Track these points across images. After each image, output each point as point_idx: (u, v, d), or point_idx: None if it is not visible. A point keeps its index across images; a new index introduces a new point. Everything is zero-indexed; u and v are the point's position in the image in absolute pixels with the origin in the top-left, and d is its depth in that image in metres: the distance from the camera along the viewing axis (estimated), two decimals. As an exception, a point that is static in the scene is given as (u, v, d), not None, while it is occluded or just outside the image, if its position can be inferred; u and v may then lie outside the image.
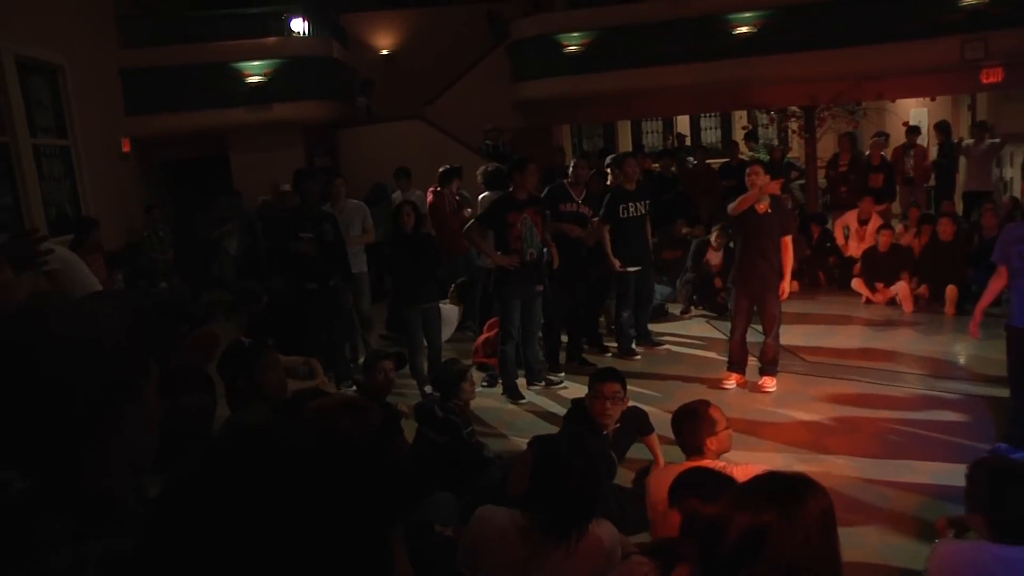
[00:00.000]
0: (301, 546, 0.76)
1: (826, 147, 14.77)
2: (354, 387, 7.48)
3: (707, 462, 3.60)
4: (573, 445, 3.09)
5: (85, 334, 1.26)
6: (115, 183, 12.30)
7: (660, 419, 5.23)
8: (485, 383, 7.63)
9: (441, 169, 9.88)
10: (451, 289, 8.97)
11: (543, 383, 7.60)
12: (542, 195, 7.70)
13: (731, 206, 7.07)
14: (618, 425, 5.00)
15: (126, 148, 12.92)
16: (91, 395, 1.25)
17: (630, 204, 8.13)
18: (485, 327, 8.37)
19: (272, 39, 13.95)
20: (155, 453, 1.40)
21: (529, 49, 14.34)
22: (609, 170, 8.50)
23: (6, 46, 9.90)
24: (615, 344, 8.62)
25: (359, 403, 3.71)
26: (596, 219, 8.01)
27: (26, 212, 10.23)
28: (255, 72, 13.41)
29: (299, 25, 14.57)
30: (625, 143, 20.07)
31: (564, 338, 8.23)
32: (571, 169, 8.17)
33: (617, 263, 8.03)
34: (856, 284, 10.13)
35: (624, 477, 5.15)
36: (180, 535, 0.80)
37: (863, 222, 10.77)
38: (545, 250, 7.39)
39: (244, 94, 13.33)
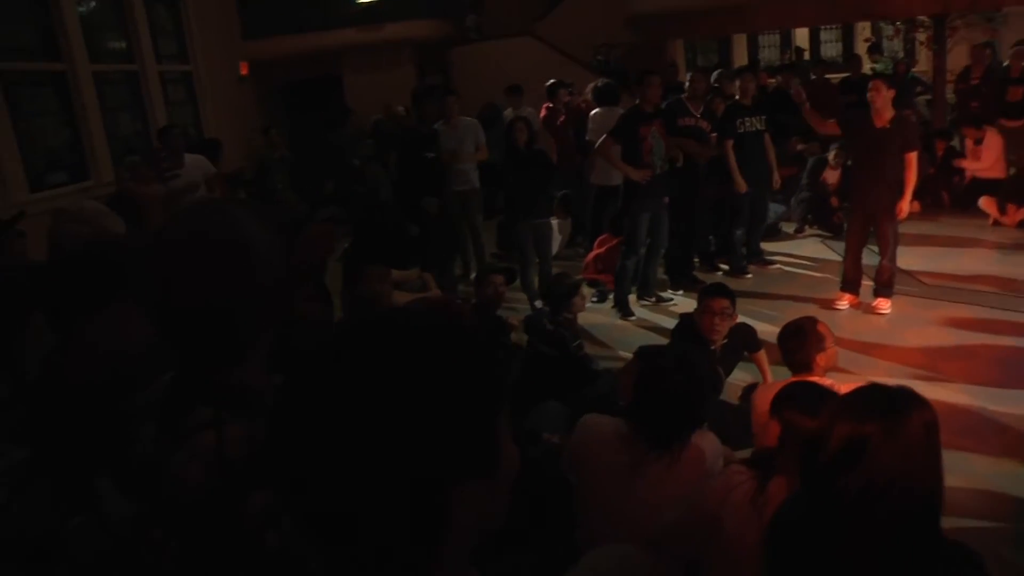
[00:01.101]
0: (419, 424, 0.83)
1: (957, 60, 13.91)
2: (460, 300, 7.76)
3: (814, 378, 3.60)
4: (678, 358, 3.13)
5: (237, 250, 1.37)
6: (234, 106, 12.66)
7: (769, 337, 5.21)
8: (595, 298, 7.72)
9: (548, 83, 9.84)
10: (555, 203, 8.97)
11: (654, 299, 7.65)
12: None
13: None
14: (726, 341, 5.01)
15: (244, 71, 13.25)
16: (247, 315, 1.37)
17: (746, 119, 7.98)
18: (596, 243, 8.40)
19: (382, -42, 13.95)
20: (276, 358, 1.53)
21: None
22: (721, 84, 8.33)
23: (131, -24, 10.24)
24: (727, 262, 8.54)
25: (450, 304, 3.79)
26: (714, 135, 7.89)
27: (154, 136, 10.68)
28: (366, -9, 13.50)
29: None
30: (741, 58, 19.43)
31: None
32: (688, 83, 8.01)
33: (743, 184, 7.91)
34: (984, 203, 9.45)
35: (731, 393, 5.18)
36: (306, 415, 0.89)
37: (978, 141, 10.08)
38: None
39: (356, 14, 13.46)
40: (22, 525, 2.15)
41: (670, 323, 6.61)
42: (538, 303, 7.55)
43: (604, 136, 7.43)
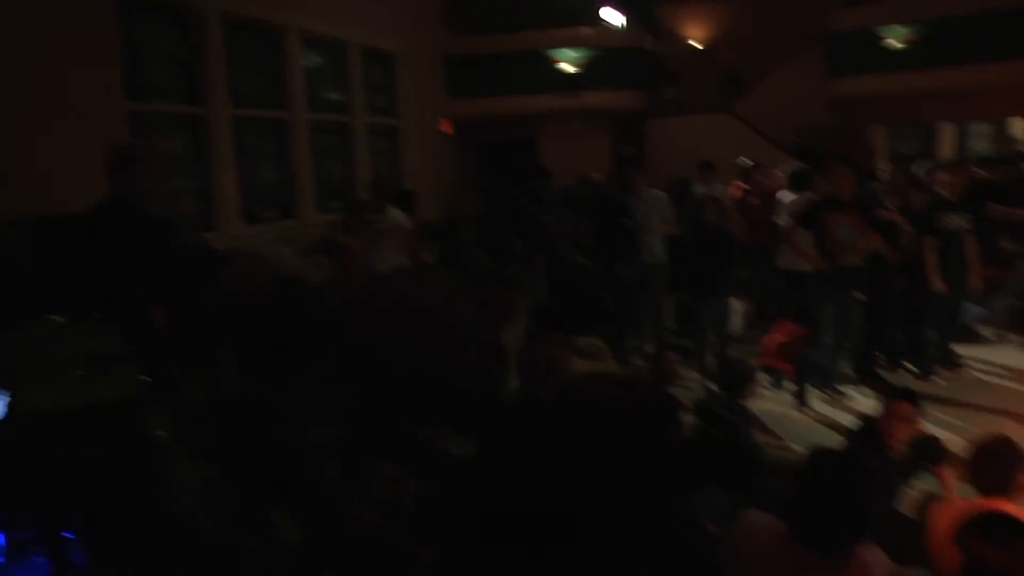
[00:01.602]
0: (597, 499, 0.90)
1: None
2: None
3: (1003, 504, 3.39)
4: (851, 462, 3.02)
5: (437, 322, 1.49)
6: (433, 160, 13.28)
7: (955, 449, 4.94)
8: (771, 385, 7.53)
9: (743, 161, 9.78)
10: (738, 284, 8.84)
11: (834, 393, 7.37)
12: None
13: None
14: (908, 450, 4.78)
15: (446, 128, 13.89)
16: (426, 376, 1.48)
17: (949, 217, 7.62)
18: (778, 329, 8.21)
19: (586, 29, 14.32)
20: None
21: (846, 43, 13.72)
22: (924, 176, 8.02)
23: (353, 37, 11.06)
24: (914, 363, 8.12)
25: (631, 379, 3.81)
26: (910, 231, 7.57)
27: (360, 184, 11.37)
28: (568, 61, 13.88)
29: (614, 16, 14.86)
30: (947, 147, 18.57)
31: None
32: (887, 174, 7.78)
33: (939, 283, 7.51)
34: None
35: (907, 505, 4.92)
36: (486, 488, 0.97)
37: None
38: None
39: (556, 81, 13.85)
40: (204, 536, 2.33)
41: (848, 420, 6.37)
42: (711, 384, 7.48)
43: (791, 220, 7.32)
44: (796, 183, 8.76)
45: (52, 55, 6.60)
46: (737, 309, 8.28)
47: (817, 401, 7.27)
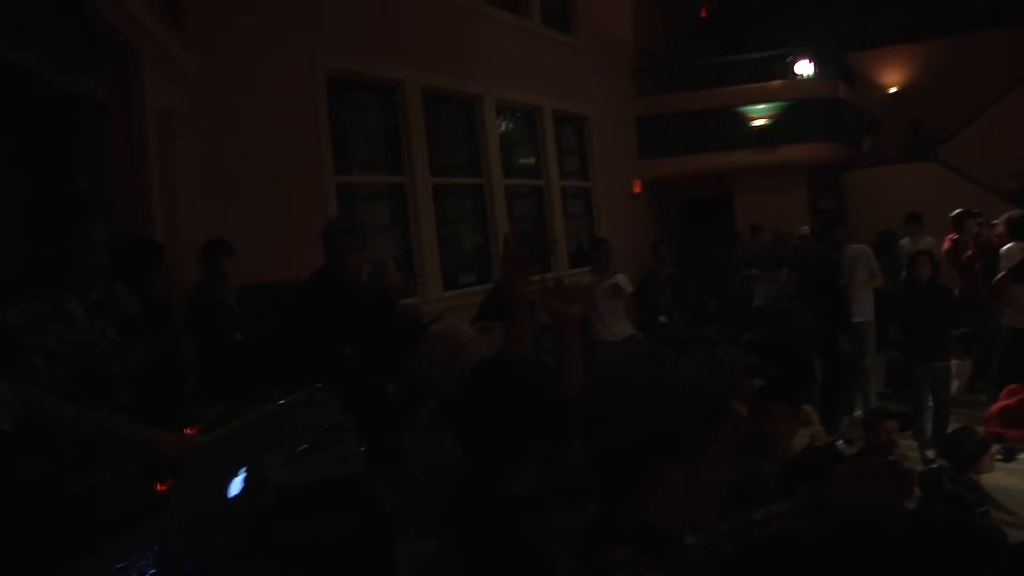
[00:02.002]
0: None
1: None
2: (842, 441, 7.32)
3: None
4: None
5: (648, 398, 1.44)
6: (626, 220, 13.27)
7: None
8: (1000, 456, 6.91)
9: (954, 213, 9.19)
10: (954, 343, 8.24)
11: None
12: None
13: None
14: None
15: (637, 189, 13.89)
16: (635, 454, 1.42)
17: None
18: (1003, 393, 7.58)
19: (777, 82, 14.07)
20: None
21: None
22: None
23: (546, 103, 11.31)
24: None
25: (901, 468, 3.59)
26: None
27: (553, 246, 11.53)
28: (760, 115, 13.64)
29: (804, 66, 14.49)
30: None
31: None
32: None
33: None
34: None
35: None
36: None
37: None
38: None
39: (748, 137, 13.61)
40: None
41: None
42: (930, 453, 6.97)
43: (1003, 272, 6.73)
44: (1015, 231, 8.13)
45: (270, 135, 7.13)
46: (954, 369, 7.72)
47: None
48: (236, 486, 2.33)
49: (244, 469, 2.35)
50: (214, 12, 6.66)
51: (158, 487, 2.24)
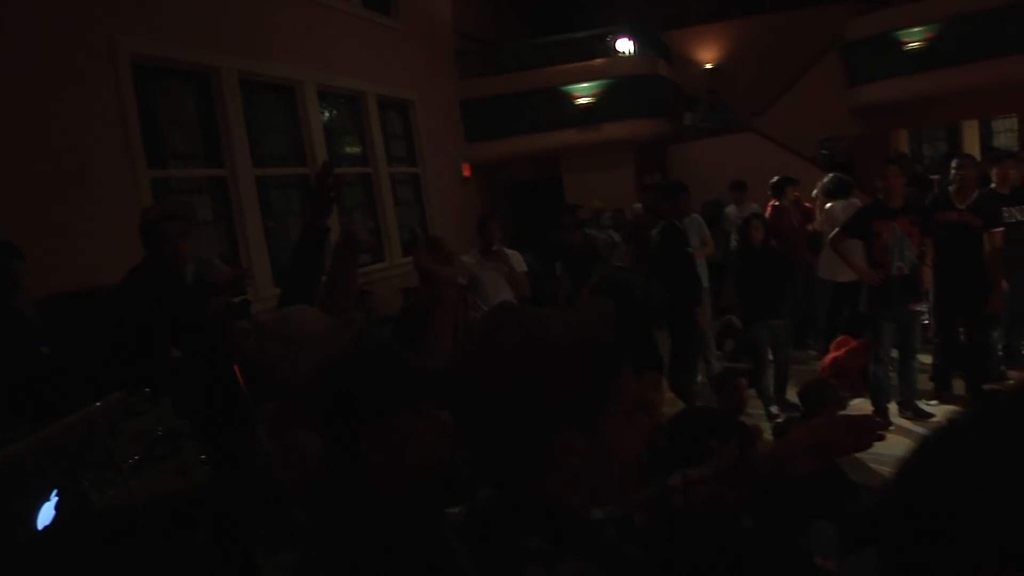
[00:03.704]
0: None
1: None
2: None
3: None
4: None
5: (531, 357, 1.23)
6: (458, 205, 13.13)
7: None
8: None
9: (773, 180, 9.51)
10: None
11: (912, 413, 6.98)
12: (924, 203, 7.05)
13: None
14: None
15: (466, 172, 13.77)
16: (529, 422, 1.22)
17: (1006, 210, 7.26)
18: (832, 344, 7.90)
19: (599, 61, 14.27)
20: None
21: (865, 50, 13.59)
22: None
23: (369, 88, 10.96)
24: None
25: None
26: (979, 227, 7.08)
27: (384, 234, 11.20)
28: (584, 94, 13.78)
29: (624, 45, 14.76)
30: (971, 145, 18.29)
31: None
32: (953, 171, 7.25)
33: (1004, 283, 6.93)
34: None
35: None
36: None
37: None
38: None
39: (574, 116, 13.72)
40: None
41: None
42: (773, 408, 7.16)
43: (836, 230, 6.99)
44: (832, 192, 8.51)
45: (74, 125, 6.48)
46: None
47: (897, 417, 6.90)
48: (46, 514, 1.93)
49: (55, 492, 1.96)
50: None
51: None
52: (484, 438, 1.28)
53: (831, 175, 9.31)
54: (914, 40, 12.90)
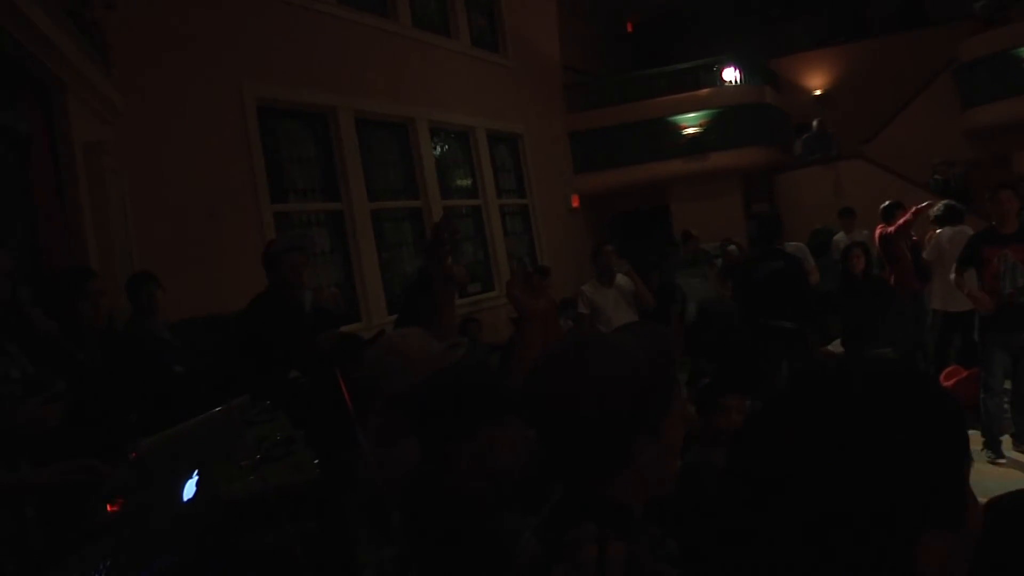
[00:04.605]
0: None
1: None
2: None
3: None
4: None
5: (615, 371, 1.45)
6: (566, 235, 13.38)
7: None
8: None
9: (883, 205, 9.39)
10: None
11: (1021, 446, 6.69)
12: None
13: None
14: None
15: (575, 203, 14.01)
16: (611, 431, 1.43)
17: None
18: (943, 375, 7.76)
19: (705, 91, 14.30)
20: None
21: (981, 71, 13.21)
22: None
23: (478, 123, 11.37)
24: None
25: None
26: None
27: (493, 265, 11.54)
28: (690, 124, 13.86)
29: (731, 74, 14.80)
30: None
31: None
32: None
33: None
34: None
35: None
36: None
37: None
38: None
39: (681, 146, 13.81)
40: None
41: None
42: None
43: (954, 266, 6.83)
44: (943, 219, 8.33)
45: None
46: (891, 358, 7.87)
47: (1011, 450, 6.70)
48: (189, 489, 2.27)
49: (196, 472, 2.30)
50: (138, 43, 6.59)
51: (108, 508, 2.19)
52: (564, 445, 1.50)
53: (941, 203, 9.12)
54: (1031, 58, 12.54)
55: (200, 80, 7.18)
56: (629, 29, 18.64)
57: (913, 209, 8.30)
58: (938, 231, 8.32)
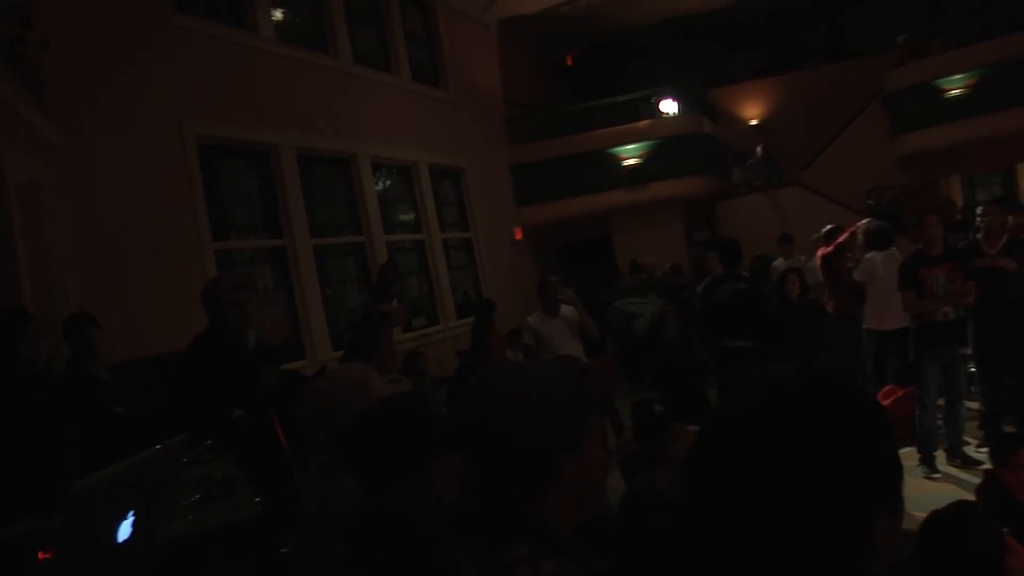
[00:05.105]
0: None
1: None
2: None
3: None
4: (973, 520, 2.84)
5: (529, 393, 1.50)
6: (510, 267, 13.47)
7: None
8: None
9: (825, 229, 9.58)
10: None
11: (960, 460, 6.93)
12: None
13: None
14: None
15: (518, 236, 14.11)
16: (534, 449, 1.48)
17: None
18: (880, 394, 7.93)
19: (644, 122, 14.55)
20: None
21: (906, 99, 13.67)
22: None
23: (421, 158, 11.43)
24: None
25: None
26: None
27: (438, 298, 11.55)
28: (631, 155, 14.07)
29: (669, 106, 15.08)
30: (1027, 190, 18.14)
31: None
32: (980, 218, 7.28)
33: None
34: None
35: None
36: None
37: None
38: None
39: (622, 177, 14.01)
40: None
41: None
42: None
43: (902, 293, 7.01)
44: (872, 242, 8.46)
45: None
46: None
47: (946, 465, 6.89)
48: (125, 530, 2.25)
49: (132, 513, 2.28)
50: (76, 81, 6.54)
51: (40, 556, 2.16)
52: (491, 468, 1.54)
53: (869, 220, 9.22)
54: (955, 88, 12.98)
55: (139, 118, 7.13)
56: (569, 62, 18.90)
57: (851, 229, 8.55)
58: (868, 255, 8.49)
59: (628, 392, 9.04)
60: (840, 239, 8.58)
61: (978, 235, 7.22)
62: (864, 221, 8.82)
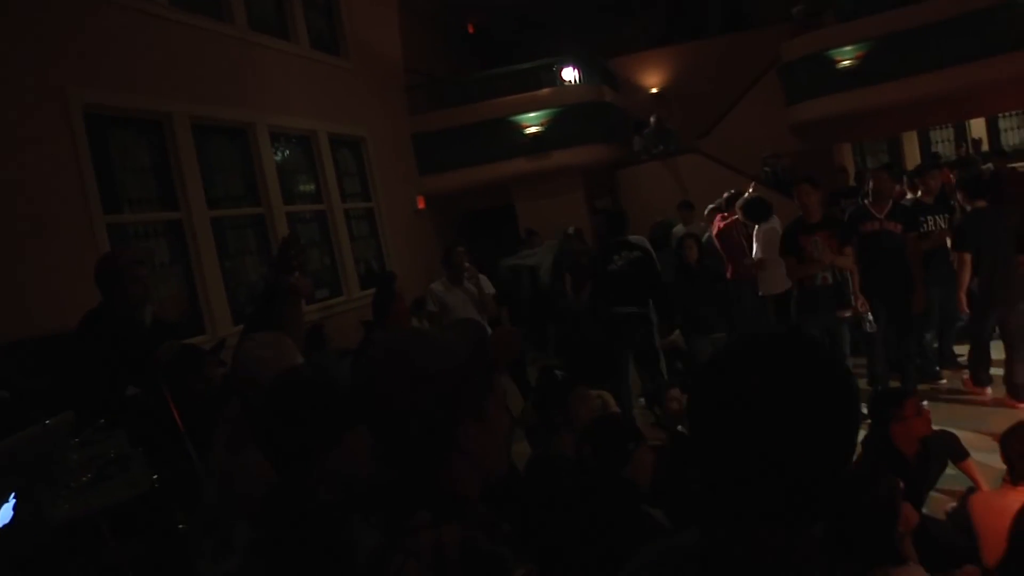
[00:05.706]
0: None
1: None
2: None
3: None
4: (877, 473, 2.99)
5: (427, 362, 1.51)
6: (413, 237, 13.41)
7: (973, 444, 4.95)
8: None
9: (724, 195, 9.76)
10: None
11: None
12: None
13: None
14: (922, 451, 4.71)
15: (421, 205, 14.04)
16: (433, 416, 1.49)
17: (930, 218, 7.67)
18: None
19: (545, 91, 14.60)
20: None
21: (800, 70, 14.07)
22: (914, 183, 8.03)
23: (320, 127, 11.23)
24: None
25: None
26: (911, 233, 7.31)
27: (340, 269, 11.43)
28: (532, 123, 14.11)
29: (570, 74, 15.16)
30: (912, 155, 18.94)
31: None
32: (870, 184, 7.57)
33: (922, 290, 7.25)
34: None
35: (935, 507, 4.87)
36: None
37: None
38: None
39: (524, 145, 14.05)
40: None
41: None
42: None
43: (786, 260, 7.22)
44: (752, 215, 8.60)
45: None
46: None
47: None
48: (5, 514, 2.16)
49: (12, 496, 2.19)
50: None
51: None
52: (394, 436, 1.55)
53: (750, 197, 9.31)
54: (846, 58, 13.39)
55: (20, 87, 6.78)
56: (471, 30, 18.78)
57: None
58: (757, 227, 8.65)
59: (533, 360, 9.11)
60: (730, 220, 8.84)
61: (866, 200, 7.51)
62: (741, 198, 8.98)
